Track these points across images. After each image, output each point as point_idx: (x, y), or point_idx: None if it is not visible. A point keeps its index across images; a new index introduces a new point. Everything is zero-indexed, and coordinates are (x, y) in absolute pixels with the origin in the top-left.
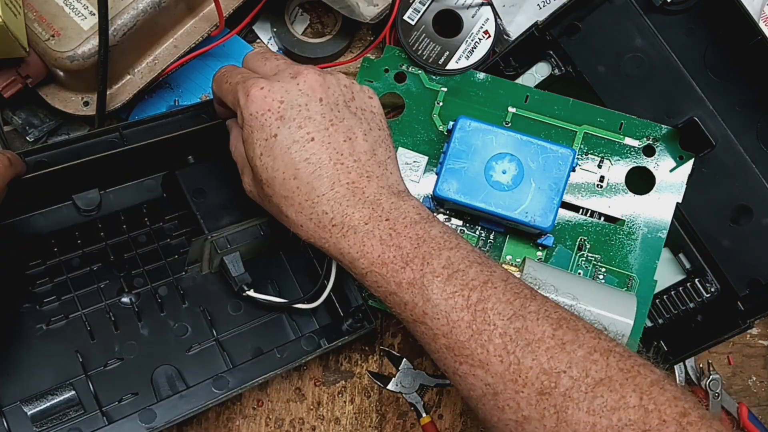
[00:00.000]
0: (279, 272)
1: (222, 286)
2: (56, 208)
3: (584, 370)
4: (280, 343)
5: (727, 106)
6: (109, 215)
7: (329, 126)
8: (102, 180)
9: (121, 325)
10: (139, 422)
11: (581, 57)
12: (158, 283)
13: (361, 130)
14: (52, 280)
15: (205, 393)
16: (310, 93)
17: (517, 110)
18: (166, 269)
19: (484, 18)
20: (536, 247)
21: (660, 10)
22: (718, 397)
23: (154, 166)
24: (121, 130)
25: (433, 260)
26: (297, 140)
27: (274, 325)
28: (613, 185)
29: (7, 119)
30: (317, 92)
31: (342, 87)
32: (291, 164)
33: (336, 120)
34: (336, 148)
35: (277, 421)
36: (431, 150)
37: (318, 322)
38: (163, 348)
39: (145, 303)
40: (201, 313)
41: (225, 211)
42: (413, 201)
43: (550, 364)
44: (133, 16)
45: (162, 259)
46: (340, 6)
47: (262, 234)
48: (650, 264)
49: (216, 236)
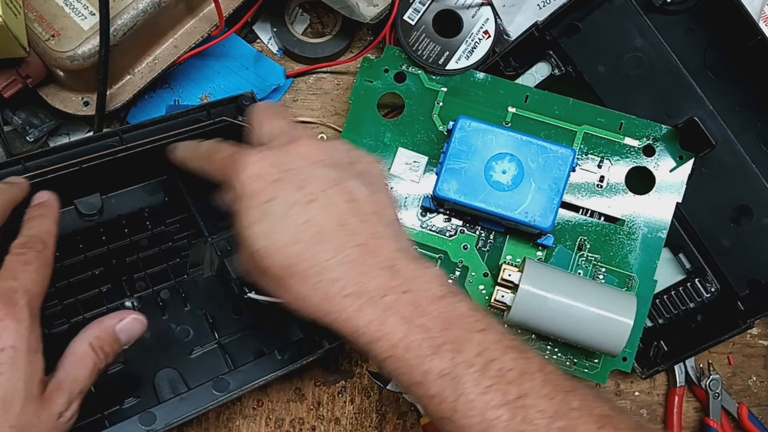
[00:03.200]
0: None
1: (224, 289)
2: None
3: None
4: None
5: (727, 106)
6: (111, 219)
7: (330, 187)
8: (103, 184)
9: None
10: (139, 425)
11: (581, 57)
12: (160, 287)
13: (365, 191)
14: (54, 285)
15: (205, 395)
16: (308, 156)
17: (517, 110)
18: (168, 273)
19: (484, 18)
20: (536, 247)
21: (660, 10)
22: (718, 397)
23: (156, 169)
24: (121, 134)
25: (465, 346)
26: (296, 202)
27: (277, 326)
28: (613, 185)
29: (7, 119)
30: (315, 155)
31: (343, 151)
32: (291, 228)
33: (338, 180)
34: (340, 209)
35: (277, 421)
36: (431, 150)
37: None
38: (165, 351)
39: (147, 307)
40: (203, 316)
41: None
42: (434, 268)
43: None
44: (133, 16)
45: (164, 263)
46: (340, 6)
47: None
48: (650, 264)
49: (216, 239)
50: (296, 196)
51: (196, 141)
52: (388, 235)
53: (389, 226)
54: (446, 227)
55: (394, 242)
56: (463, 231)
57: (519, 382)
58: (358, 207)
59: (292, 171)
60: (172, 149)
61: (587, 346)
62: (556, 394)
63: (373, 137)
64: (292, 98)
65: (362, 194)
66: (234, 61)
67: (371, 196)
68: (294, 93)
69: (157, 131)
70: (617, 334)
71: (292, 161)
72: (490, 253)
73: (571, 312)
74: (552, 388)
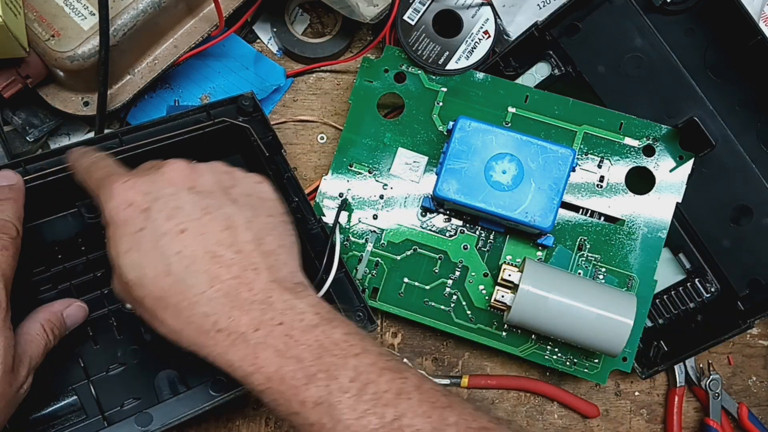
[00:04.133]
0: None
1: None
2: (61, 215)
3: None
4: None
5: (727, 106)
6: None
7: (202, 216)
8: None
9: (123, 331)
10: (135, 425)
11: (581, 57)
12: None
13: (243, 218)
14: (56, 287)
15: (202, 396)
16: (179, 182)
17: (517, 110)
18: None
19: (484, 18)
20: (536, 247)
21: (660, 10)
22: (718, 397)
23: None
24: (121, 135)
25: (340, 372)
26: (166, 232)
27: None
28: (613, 185)
29: (7, 119)
30: (186, 181)
31: (219, 174)
32: (162, 259)
33: (211, 209)
34: (213, 238)
35: (278, 421)
36: (431, 150)
37: None
38: (165, 352)
39: None
40: None
41: None
42: (310, 297)
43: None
44: (133, 16)
45: None
46: (340, 6)
47: None
48: (650, 264)
49: None
50: (166, 225)
51: (85, 150)
52: (265, 265)
53: (267, 255)
54: (446, 227)
55: (269, 273)
56: (463, 231)
57: (395, 403)
58: (234, 236)
59: (161, 200)
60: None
61: (587, 346)
62: (433, 411)
63: (373, 137)
64: (292, 98)
65: (239, 221)
66: (234, 61)
67: (249, 223)
68: (294, 93)
69: (156, 133)
70: (617, 334)
71: (161, 188)
72: (490, 253)
73: (571, 312)
74: (428, 406)
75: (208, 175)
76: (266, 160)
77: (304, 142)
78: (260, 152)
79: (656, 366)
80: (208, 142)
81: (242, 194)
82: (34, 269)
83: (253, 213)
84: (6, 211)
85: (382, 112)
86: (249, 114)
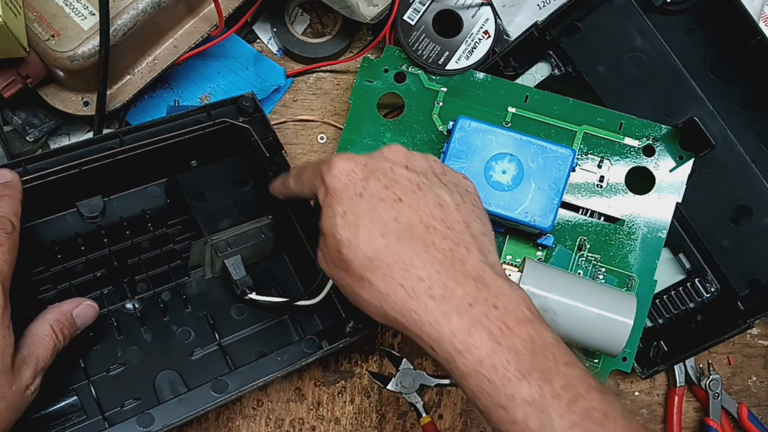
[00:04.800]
0: (282, 275)
1: (225, 290)
2: (60, 215)
3: None
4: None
5: (727, 106)
6: (113, 222)
7: (417, 190)
8: (105, 187)
9: (124, 331)
10: (136, 426)
11: (581, 57)
12: (161, 288)
13: (453, 200)
14: (55, 287)
15: (203, 396)
16: (395, 159)
17: (516, 110)
18: (170, 274)
19: (484, 18)
20: (536, 247)
21: (660, 10)
22: (718, 397)
23: (158, 171)
24: (121, 136)
25: (553, 377)
26: (384, 198)
27: (278, 328)
28: (613, 185)
29: (7, 119)
30: (403, 160)
31: (431, 162)
32: (378, 220)
33: (424, 186)
34: (427, 212)
35: (277, 421)
36: (431, 150)
37: (321, 324)
38: (165, 353)
39: (148, 308)
40: (204, 318)
41: (225, 214)
42: (521, 290)
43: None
44: (133, 16)
45: (165, 264)
46: (340, 6)
47: (264, 236)
48: (650, 264)
49: (216, 239)
50: (384, 193)
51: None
52: (476, 246)
53: (476, 238)
54: None
55: (480, 254)
56: None
57: (604, 424)
58: (446, 214)
59: (379, 171)
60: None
61: (587, 346)
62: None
63: (373, 137)
64: (292, 98)
65: (450, 202)
66: (234, 61)
67: (459, 207)
68: (294, 93)
69: (157, 133)
70: (617, 334)
71: (379, 163)
72: None
73: (571, 312)
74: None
75: (421, 160)
76: (266, 161)
77: (304, 142)
78: (260, 153)
79: (656, 366)
80: (209, 142)
81: (451, 182)
82: (33, 269)
83: (461, 198)
84: (1, 208)
85: (382, 112)
86: (249, 114)
